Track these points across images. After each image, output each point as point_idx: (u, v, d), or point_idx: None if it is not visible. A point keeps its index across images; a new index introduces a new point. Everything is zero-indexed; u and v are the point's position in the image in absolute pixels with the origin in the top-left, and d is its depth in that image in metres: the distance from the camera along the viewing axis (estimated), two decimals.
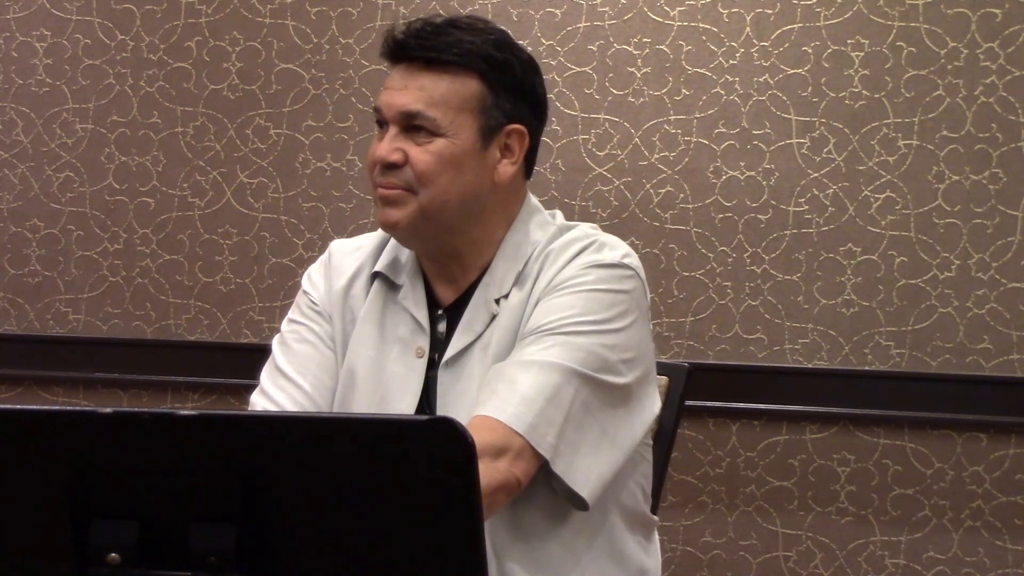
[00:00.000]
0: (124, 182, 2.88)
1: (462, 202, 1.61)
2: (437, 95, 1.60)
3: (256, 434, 0.95)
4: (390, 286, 1.66)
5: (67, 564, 0.94)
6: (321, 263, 1.73)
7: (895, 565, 2.57)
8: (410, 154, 1.59)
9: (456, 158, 1.60)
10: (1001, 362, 2.52)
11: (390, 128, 1.61)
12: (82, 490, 0.93)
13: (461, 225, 1.61)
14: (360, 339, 1.64)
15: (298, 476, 0.94)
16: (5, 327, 2.94)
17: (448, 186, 1.60)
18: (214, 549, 0.93)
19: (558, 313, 1.54)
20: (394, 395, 1.59)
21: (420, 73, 1.60)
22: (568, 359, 1.51)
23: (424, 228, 1.60)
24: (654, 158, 2.64)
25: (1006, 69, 2.51)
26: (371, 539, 0.94)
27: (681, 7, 2.63)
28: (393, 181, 1.60)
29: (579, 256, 1.59)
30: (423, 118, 1.59)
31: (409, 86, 1.59)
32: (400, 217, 1.59)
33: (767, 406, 2.60)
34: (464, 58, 1.60)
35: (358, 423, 0.99)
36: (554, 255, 1.60)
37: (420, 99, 1.59)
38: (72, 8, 2.90)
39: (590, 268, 1.57)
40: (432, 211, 1.59)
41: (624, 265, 1.59)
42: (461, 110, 1.60)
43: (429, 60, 1.60)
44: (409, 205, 1.59)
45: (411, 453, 0.93)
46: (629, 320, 1.56)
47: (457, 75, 1.60)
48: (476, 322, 1.60)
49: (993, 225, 2.52)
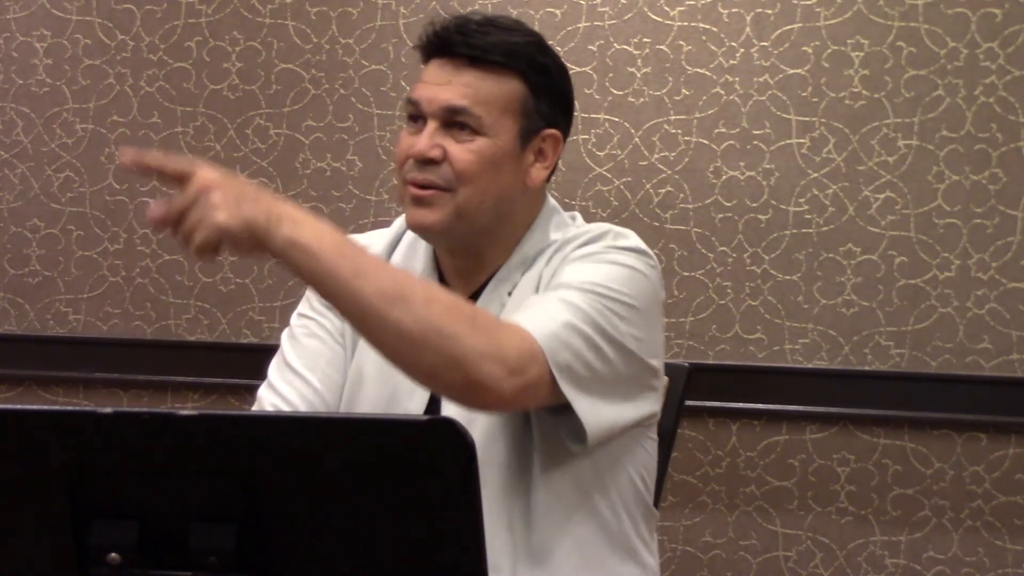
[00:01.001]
0: (124, 182, 2.88)
1: (496, 204, 1.60)
2: (483, 93, 1.57)
3: (256, 434, 0.95)
4: None
5: (67, 564, 0.94)
6: None
7: (895, 565, 2.58)
8: (450, 151, 1.55)
9: (496, 159, 1.59)
10: (1001, 362, 2.52)
11: (428, 123, 1.56)
12: (82, 490, 0.93)
13: (490, 226, 1.60)
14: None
15: (298, 476, 0.94)
16: (5, 327, 2.94)
17: (486, 187, 1.58)
18: (214, 549, 0.93)
19: (578, 275, 1.52)
20: (403, 394, 1.58)
21: (465, 69, 1.57)
22: (587, 305, 1.48)
23: (457, 228, 1.57)
24: (654, 158, 2.64)
25: (1006, 69, 2.51)
26: (371, 539, 0.94)
27: (681, 7, 2.63)
28: (431, 178, 1.55)
29: (599, 240, 1.58)
30: (468, 115, 1.56)
31: (453, 81, 1.56)
32: (434, 220, 1.55)
33: (767, 406, 2.60)
34: (509, 59, 1.59)
35: (358, 423, 0.99)
36: (571, 241, 1.60)
37: (466, 95, 1.56)
38: (72, 8, 2.90)
39: (611, 248, 1.56)
40: (468, 211, 1.57)
41: (646, 252, 1.58)
42: (504, 111, 1.59)
43: (473, 57, 1.57)
44: (444, 206, 1.55)
45: (411, 453, 0.93)
46: (645, 303, 1.54)
47: (501, 75, 1.58)
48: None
49: (993, 225, 2.52)
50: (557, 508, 1.55)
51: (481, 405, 1.44)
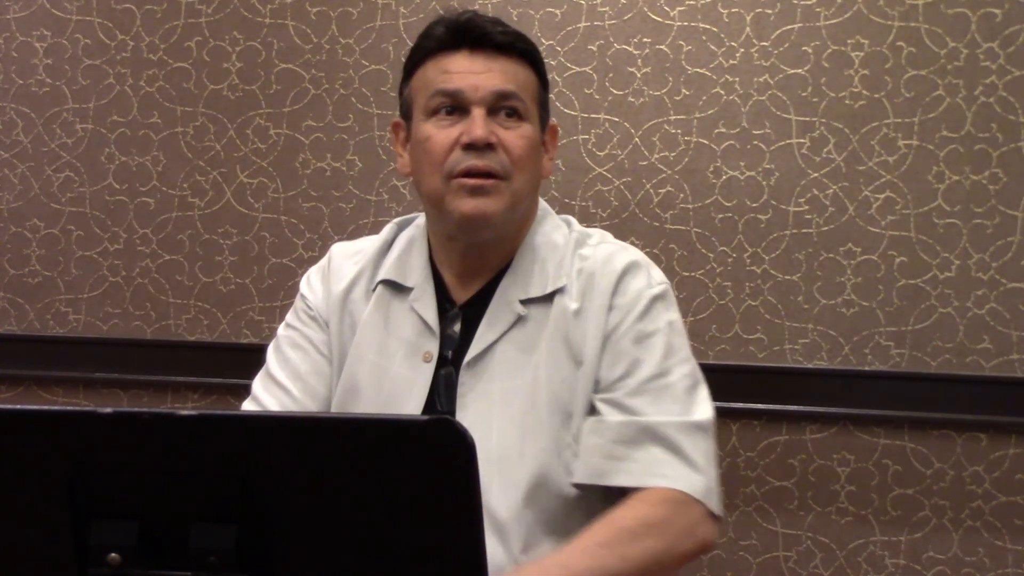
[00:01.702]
0: (124, 182, 2.88)
1: (532, 193, 1.60)
2: (521, 80, 1.57)
3: (256, 434, 0.95)
4: (396, 289, 1.63)
5: (67, 564, 0.94)
6: (320, 267, 1.70)
7: (895, 565, 2.57)
8: (502, 137, 1.53)
9: (535, 146, 1.59)
10: (1001, 362, 2.52)
11: (474, 110, 1.53)
12: (82, 490, 0.93)
13: (516, 218, 1.59)
14: (362, 345, 1.61)
15: (298, 476, 0.94)
16: (5, 327, 2.94)
17: (533, 174, 1.59)
18: (214, 549, 0.93)
19: (660, 361, 1.54)
20: (399, 398, 1.57)
21: (496, 58, 1.56)
22: (699, 400, 1.54)
23: (509, 218, 1.56)
24: (654, 158, 2.64)
25: (1006, 69, 2.51)
26: (371, 539, 0.94)
27: (681, 7, 2.63)
28: (491, 165, 1.53)
29: (629, 281, 1.58)
30: (516, 99, 1.55)
31: (493, 68, 1.55)
32: (495, 209, 1.53)
33: (767, 406, 2.60)
34: (528, 50, 1.59)
35: (358, 423, 0.99)
36: (598, 276, 1.58)
37: (510, 81, 1.55)
38: (72, 8, 2.90)
39: (655, 301, 1.58)
40: (518, 200, 1.56)
41: (667, 282, 1.63)
42: (532, 99, 1.59)
43: (505, 46, 1.56)
44: (502, 194, 1.53)
45: (411, 453, 0.93)
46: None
47: (523, 65, 1.58)
48: (499, 322, 1.57)
49: (993, 225, 2.52)
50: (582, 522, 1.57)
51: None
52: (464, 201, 1.53)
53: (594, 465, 1.50)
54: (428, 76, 1.58)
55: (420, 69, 1.60)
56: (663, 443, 1.49)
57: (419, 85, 1.59)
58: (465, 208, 1.53)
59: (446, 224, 1.58)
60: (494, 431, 1.53)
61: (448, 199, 1.54)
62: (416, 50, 1.62)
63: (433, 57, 1.58)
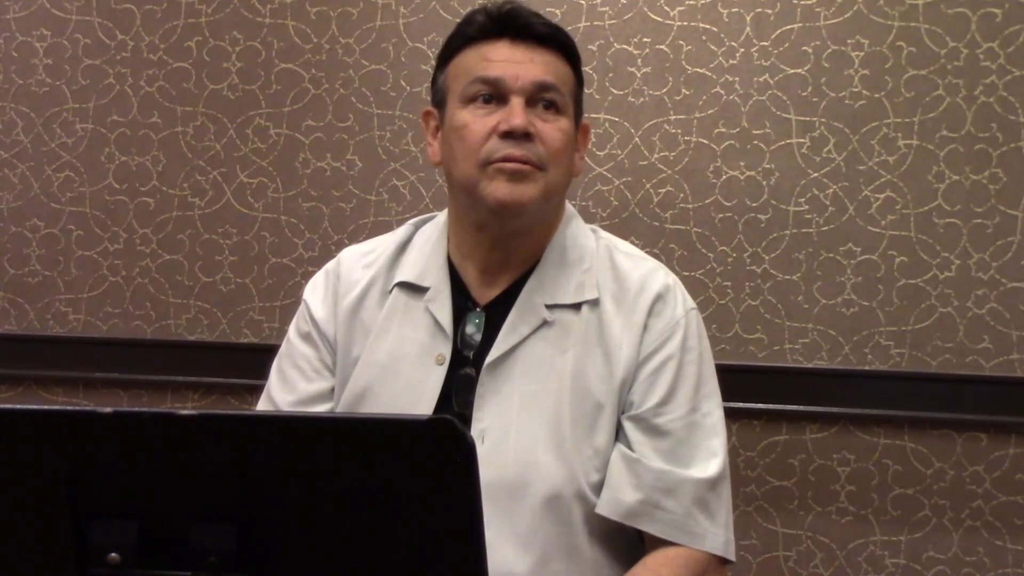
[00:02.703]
0: (124, 182, 2.88)
1: (564, 188, 1.59)
2: (560, 73, 1.56)
3: (256, 434, 0.95)
4: (412, 290, 1.60)
5: (67, 564, 0.94)
6: (328, 274, 1.67)
7: (895, 565, 2.57)
8: (540, 128, 1.52)
9: (571, 141, 1.58)
10: (1001, 362, 2.52)
11: (513, 100, 1.52)
12: (82, 490, 0.93)
13: (546, 214, 1.58)
14: (374, 349, 1.59)
15: (298, 476, 0.94)
16: (5, 327, 2.94)
17: (567, 169, 1.57)
18: (214, 549, 0.93)
19: (693, 395, 1.58)
20: (409, 401, 1.55)
21: (538, 48, 1.55)
22: (723, 445, 1.58)
23: (541, 209, 1.55)
24: (654, 158, 2.64)
25: (1006, 69, 2.51)
26: (371, 539, 0.94)
27: (681, 7, 2.63)
28: (528, 155, 1.51)
29: (664, 305, 1.59)
30: (556, 92, 1.54)
31: (535, 59, 1.53)
32: (531, 196, 1.51)
33: (767, 406, 2.60)
34: (568, 45, 1.59)
35: (358, 423, 0.99)
36: (634, 294, 1.58)
37: (550, 73, 1.54)
38: (72, 8, 2.90)
39: (690, 328, 1.60)
40: (552, 192, 1.54)
41: (696, 307, 1.64)
42: (569, 94, 1.58)
43: (546, 38, 1.55)
44: (537, 183, 1.51)
45: (411, 453, 0.93)
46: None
47: (560, 58, 1.57)
48: (523, 325, 1.55)
49: (993, 225, 2.52)
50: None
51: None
52: (501, 185, 1.51)
53: (626, 505, 1.51)
54: (468, 63, 1.55)
55: (459, 56, 1.57)
56: (694, 498, 1.53)
57: (457, 72, 1.57)
58: (500, 193, 1.50)
59: (478, 212, 1.55)
60: (512, 434, 1.51)
61: (483, 184, 1.52)
62: (454, 37, 1.59)
63: (474, 44, 1.56)
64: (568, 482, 1.51)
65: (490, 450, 1.49)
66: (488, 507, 1.35)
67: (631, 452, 1.53)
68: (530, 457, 1.51)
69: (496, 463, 1.49)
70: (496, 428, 1.51)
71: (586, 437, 1.52)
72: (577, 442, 1.52)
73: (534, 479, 1.50)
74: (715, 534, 1.53)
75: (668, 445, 1.53)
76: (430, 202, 2.72)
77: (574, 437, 1.52)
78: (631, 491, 1.51)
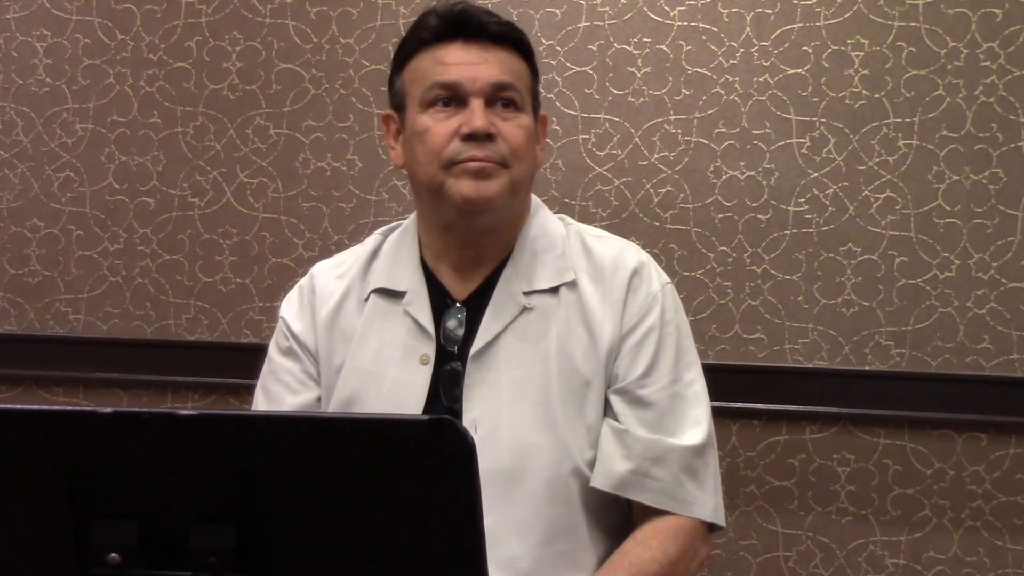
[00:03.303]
0: (124, 182, 2.88)
1: (529, 182, 1.61)
2: (516, 70, 1.58)
3: (256, 434, 0.95)
4: (389, 296, 1.62)
5: (67, 564, 0.94)
6: (302, 290, 1.69)
7: (895, 565, 2.57)
8: (500, 128, 1.54)
9: (532, 135, 1.60)
10: (1001, 362, 2.52)
11: (472, 102, 1.54)
12: (82, 490, 0.93)
13: (513, 209, 1.60)
14: (357, 356, 1.60)
15: (298, 476, 0.94)
16: (5, 327, 2.94)
17: (530, 163, 1.59)
18: (214, 549, 0.93)
19: (674, 366, 1.59)
20: (397, 403, 1.56)
21: (492, 48, 1.56)
22: (707, 413, 1.60)
23: (508, 205, 1.57)
24: (654, 158, 2.64)
25: (1006, 69, 2.51)
26: (371, 539, 0.94)
27: (681, 7, 2.63)
28: (491, 155, 1.53)
29: (641, 280, 1.61)
30: (513, 90, 1.56)
31: (489, 60, 1.55)
32: (496, 191, 1.54)
33: (767, 406, 2.60)
34: (520, 40, 1.60)
35: (358, 423, 0.99)
36: (609, 271, 1.61)
37: (506, 71, 1.56)
38: (72, 8, 2.90)
39: (667, 301, 1.62)
40: (518, 188, 1.57)
41: (670, 282, 1.66)
42: (526, 89, 1.60)
43: (498, 36, 1.56)
44: (502, 179, 1.54)
45: (411, 453, 0.93)
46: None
47: (515, 56, 1.59)
48: (503, 313, 1.58)
49: (993, 225, 2.52)
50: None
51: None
52: (466, 183, 1.53)
53: (617, 476, 1.54)
54: (424, 67, 1.57)
55: (414, 60, 1.59)
56: (681, 465, 1.55)
57: (414, 76, 1.59)
58: (466, 190, 1.53)
59: (445, 212, 1.57)
60: (504, 420, 1.53)
61: (448, 183, 1.54)
62: (408, 41, 1.61)
63: (427, 48, 1.58)
64: (564, 461, 1.53)
65: (484, 439, 1.51)
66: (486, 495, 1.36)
67: (619, 424, 1.55)
68: (524, 441, 1.53)
69: (491, 451, 1.51)
70: (487, 417, 1.53)
71: (577, 415, 1.55)
72: (569, 420, 1.54)
73: (531, 462, 1.52)
74: (703, 501, 1.56)
75: (653, 416, 1.56)
76: None
77: (565, 416, 1.54)
78: (621, 461, 1.53)
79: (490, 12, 1.60)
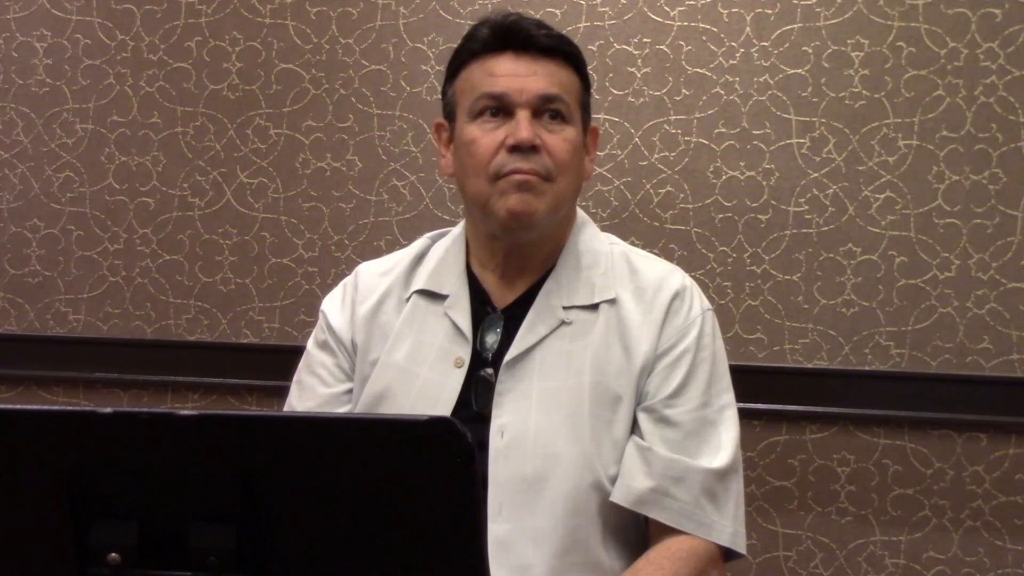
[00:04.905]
0: (124, 182, 2.88)
1: (574, 195, 1.62)
2: (565, 83, 1.58)
3: (256, 434, 0.95)
4: (431, 298, 1.64)
5: (67, 564, 0.94)
6: (345, 287, 1.71)
7: (895, 565, 2.57)
8: (546, 140, 1.55)
9: (579, 149, 1.60)
10: (1001, 362, 2.52)
11: (519, 113, 1.55)
12: (82, 490, 0.93)
13: (557, 221, 1.61)
14: (393, 353, 1.62)
15: (298, 476, 0.94)
16: (5, 327, 2.94)
17: (575, 177, 1.60)
18: (214, 549, 0.93)
19: (705, 389, 1.59)
20: (428, 402, 1.57)
21: (541, 60, 1.56)
22: (733, 441, 1.59)
23: (551, 219, 1.58)
24: (654, 158, 2.64)
25: (1006, 69, 2.51)
26: (371, 539, 0.94)
27: (681, 7, 2.63)
28: (535, 168, 1.54)
29: (682, 303, 1.61)
30: (561, 103, 1.56)
31: (539, 72, 1.56)
32: (539, 206, 1.55)
33: (767, 406, 2.60)
34: (572, 53, 1.60)
35: (358, 423, 0.99)
36: (651, 292, 1.61)
37: (555, 84, 1.56)
38: (72, 8, 2.90)
39: (705, 327, 1.62)
40: (561, 202, 1.58)
41: (713, 312, 1.66)
42: (576, 102, 1.61)
43: (549, 49, 1.57)
44: (546, 194, 1.55)
45: (411, 453, 0.93)
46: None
47: (566, 68, 1.59)
48: (540, 326, 1.58)
49: (993, 225, 2.52)
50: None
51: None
52: (510, 197, 1.54)
53: (637, 492, 1.54)
54: (473, 78, 1.59)
55: (465, 70, 1.60)
56: (702, 488, 1.55)
57: (463, 87, 1.60)
58: (511, 204, 1.54)
59: (490, 224, 1.59)
60: (531, 429, 1.54)
61: (494, 198, 1.55)
62: (460, 51, 1.62)
63: (478, 59, 1.59)
64: (587, 473, 1.53)
65: (509, 445, 1.52)
66: (508, 502, 1.37)
67: (643, 442, 1.55)
68: (549, 451, 1.53)
69: (516, 458, 1.51)
70: (515, 424, 1.54)
71: (605, 430, 1.55)
72: (596, 435, 1.55)
73: (554, 472, 1.52)
74: (722, 525, 1.55)
75: (677, 436, 1.56)
76: (430, 202, 2.72)
77: (593, 430, 1.55)
78: (643, 478, 1.53)
79: (541, 24, 1.61)
